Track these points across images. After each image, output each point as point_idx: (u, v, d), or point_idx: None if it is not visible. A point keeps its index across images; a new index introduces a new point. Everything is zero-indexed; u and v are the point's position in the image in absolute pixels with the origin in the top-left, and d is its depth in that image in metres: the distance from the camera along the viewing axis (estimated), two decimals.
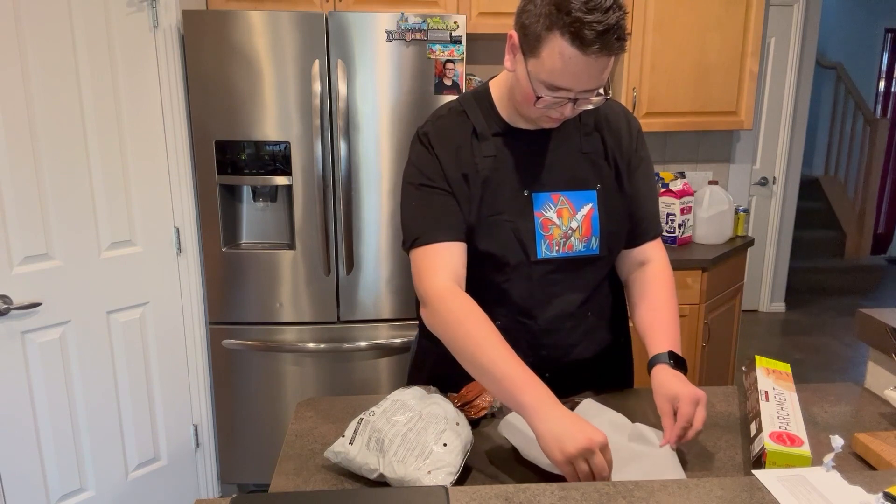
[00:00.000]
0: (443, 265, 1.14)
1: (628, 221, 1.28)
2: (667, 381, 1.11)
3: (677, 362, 1.15)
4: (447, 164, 1.19)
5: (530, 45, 1.04)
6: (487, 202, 1.19)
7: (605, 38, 0.98)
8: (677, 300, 1.28)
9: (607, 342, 1.34)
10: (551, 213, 1.21)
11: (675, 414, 1.07)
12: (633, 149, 1.27)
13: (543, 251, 1.21)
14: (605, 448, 0.95)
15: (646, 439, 1.07)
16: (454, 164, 1.19)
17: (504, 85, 1.21)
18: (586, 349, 1.30)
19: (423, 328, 1.39)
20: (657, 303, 1.25)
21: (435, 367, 1.36)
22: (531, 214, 1.20)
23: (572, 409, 1.14)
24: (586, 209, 1.22)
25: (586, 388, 1.35)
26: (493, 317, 1.14)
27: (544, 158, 1.21)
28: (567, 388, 1.29)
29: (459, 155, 1.20)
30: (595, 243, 1.23)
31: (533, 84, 1.06)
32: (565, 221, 1.21)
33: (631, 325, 1.45)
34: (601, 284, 1.29)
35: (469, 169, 1.19)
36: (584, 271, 1.25)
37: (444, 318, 1.11)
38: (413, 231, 1.19)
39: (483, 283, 1.21)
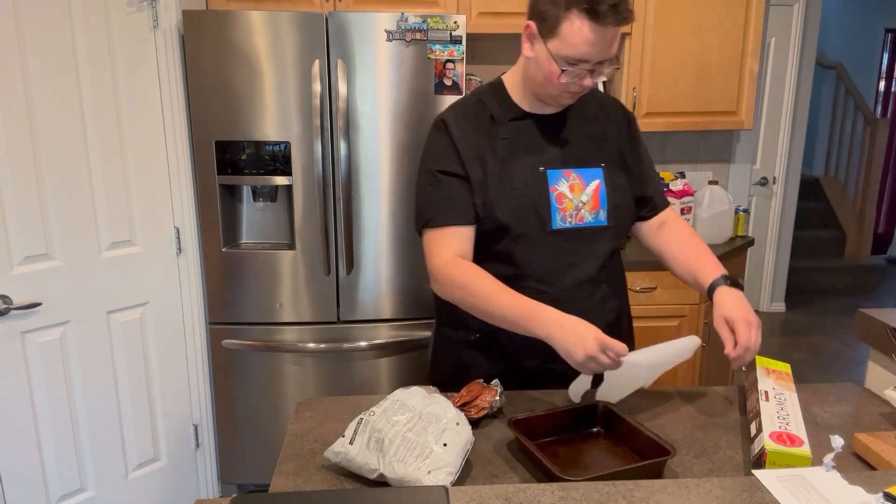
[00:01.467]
0: (448, 244, 1.29)
1: (632, 196, 1.41)
2: (725, 301, 1.25)
3: (734, 283, 1.28)
4: (463, 147, 1.30)
5: (549, 27, 1.19)
6: (506, 178, 1.30)
7: (616, 10, 1.14)
8: (702, 241, 1.43)
9: (616, 313, 1.44)
10: (564, 188, 1.32)
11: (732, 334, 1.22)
12: (631, 135, 1.43)
13: (558, 222, 1.32)
14: (612, 343, 1.11)
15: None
16: (470, 147, 1.31)
17: (518, 75, 1.34)
18: (600, 318, 1.37)
19: (440, 316, 1.48)
20: (689, 243, 1.41)
21: (455, 357, 1.44)
22: (546, 189, 1.31)
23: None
24: (594, 184, 1.35)
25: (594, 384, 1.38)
26: (516, 288, 1.26)
27: (556, 139, 1.34)
28: (575, 373, 1.35)
29: (477, 138, 1.31)
30: (603, 215, 1.35)
31: (556, 61, 1.20)
32: (576, 195, 1.33)
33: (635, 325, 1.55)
34: (612, 256, 1.41)
35: (487, 151, 1.31)
36: (595, 241, 1.36)
37: (451, 284, 1.27)
38: (424, 214, 1.33)
39: (506, 256, 1.32)
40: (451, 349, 1.44)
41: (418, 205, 1.35)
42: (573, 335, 1.12)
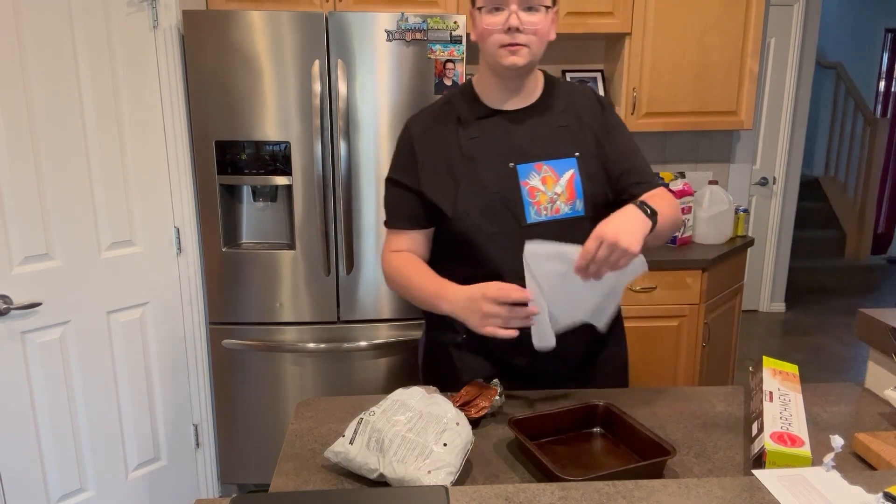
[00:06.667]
0: (394, 245, 1.39)
1: (608, 185, 1.35)
2: (610, 216, 1.15)
3: (650, 211, 1.17)
4: (424, 157, 1.33)
5: None
6: (475, 177, 1.30)
7: None
8: (678, 218, 1.32)
9: None
10: (536, 182, 1.31)
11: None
12: (604, 117, 1.38)
13: (532, 216, 1.30)
14: (495, 291, 1.12)
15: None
16: (434, 154, 1.33)
17: (481, 72, 1.35)
18: None
19: (428, 319, 1.47)
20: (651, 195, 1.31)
21: (445, 359, 1.42)
22: (517, 184, 1.30)
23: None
24: (568, 175, 1.32)
25: (584, 383, 1.40)
26: None
27: (525, 134, 1.33)
28: (567, 374, 1.38)
29: (443, 143, 1.33)
30: (580, 205, 1.32)
31: (482, 15, 1.24)
32: (550, 187, 1.31)
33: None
34: None
35: (454, 153, 1.32)
36: (575, 234, 1.29)
37: (388, 275, 1.37)
38: (385, 214, 1.42)
39: (481, 259, 1.31)
40: (441, 351, 1.43)
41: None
42: (467, 302, 1.16)
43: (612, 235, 1.08)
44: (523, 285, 1.18)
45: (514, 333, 1.12)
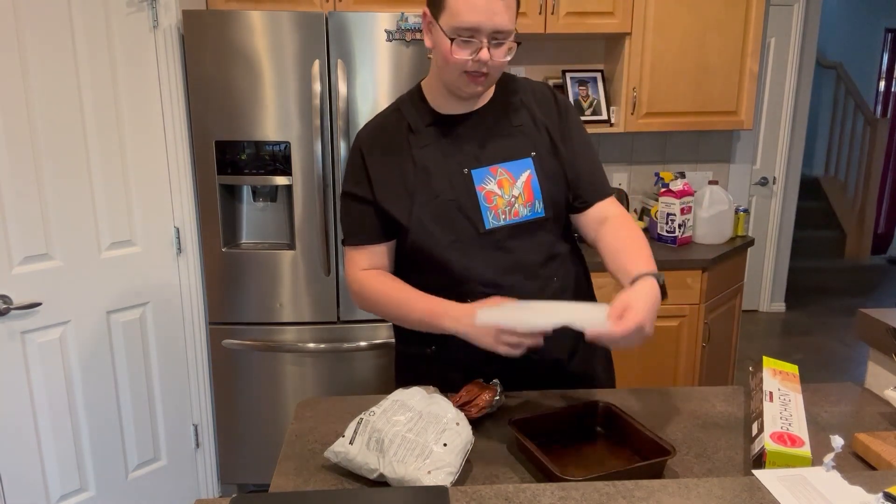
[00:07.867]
0: (359, 261, 1.33)
1: (566, 183, 1.32)
2: (641, 292, 1.11)
3: (661, 284, 1.15)
4: (375, 169, 1.29)
5: (437, 5, 1.18)
6: (428, 187, 1.27)
7: None
8: (645, 241, 1.28)
9: None
10: (492, 186, 1.28)
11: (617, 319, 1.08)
12: (562, 119, 1.34)
13: (491, 221, 1.27)
14: (509, 330, 1.09)
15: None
16: (386, 165, 1.29)
17: (431, 76, 1.30)
18: None
19: (397, 334, 1.45)
20: (628, 236, 1.27)
21: (416, 371, 1.39)
22: (473, 190, 1.27)
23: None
24: (525, 176, 1.29)
25: (571, 384, 1.37)
26: (462, 296, 1.23)
27: (478, 137, 1.29)
28: (543, 374, 1.35)
29: (392, 154, 1.29)
30: (539, 206, 1.29)
31: (448, 35, 1.16)
32: (507, 191, 1.28)
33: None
34: (558, 247, 1.34)
35: (406, 163, 1.28)
36: (536, 235, 1.30)
37: (363, 297, 1.32)
38: (342, 231, 1.37)
39: (443, 265, 1.27)
40: (412, 364, 1.41)
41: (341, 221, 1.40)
42: (480, 329, 1.13)
43: (647, 324, 1.06)
44: (488, 293, 1.22)
45: (522, 350, 1.13)
